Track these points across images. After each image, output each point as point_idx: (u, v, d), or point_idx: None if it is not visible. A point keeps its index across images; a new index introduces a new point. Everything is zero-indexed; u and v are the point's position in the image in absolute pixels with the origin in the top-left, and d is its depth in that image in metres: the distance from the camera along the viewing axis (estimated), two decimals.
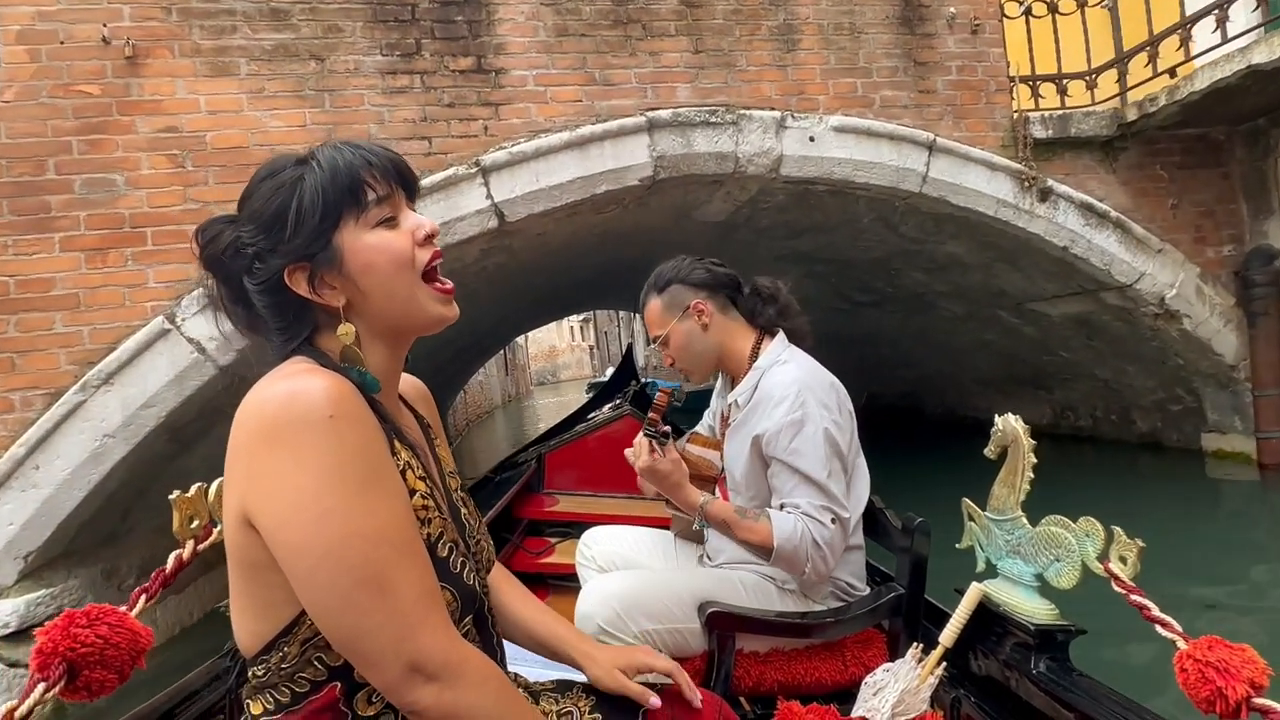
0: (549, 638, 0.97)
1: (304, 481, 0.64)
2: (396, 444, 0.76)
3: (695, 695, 0.93)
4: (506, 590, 1.00)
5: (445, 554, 0.77)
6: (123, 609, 0.83)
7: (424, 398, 0.98)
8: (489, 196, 3.85)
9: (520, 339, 27.25)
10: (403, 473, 0.75)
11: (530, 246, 4.71)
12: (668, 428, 1.46)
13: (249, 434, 0.67)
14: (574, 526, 2.90)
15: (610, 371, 7.43)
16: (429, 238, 0.80)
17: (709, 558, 1.64)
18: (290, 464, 0.64)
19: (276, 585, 0.68)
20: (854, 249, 5.90)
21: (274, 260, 0.74)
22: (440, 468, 0.89)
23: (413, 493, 0.75)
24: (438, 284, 0.80)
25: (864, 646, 1.51)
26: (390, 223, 0.77)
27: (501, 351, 21.24)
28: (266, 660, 0.71)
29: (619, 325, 31.99)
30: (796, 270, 7.04)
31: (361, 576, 0.65)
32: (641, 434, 1.44)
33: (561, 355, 37.31)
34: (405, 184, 0.80)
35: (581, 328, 38.82)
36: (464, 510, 0.88)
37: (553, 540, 2.94)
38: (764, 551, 1.39)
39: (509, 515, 2.97)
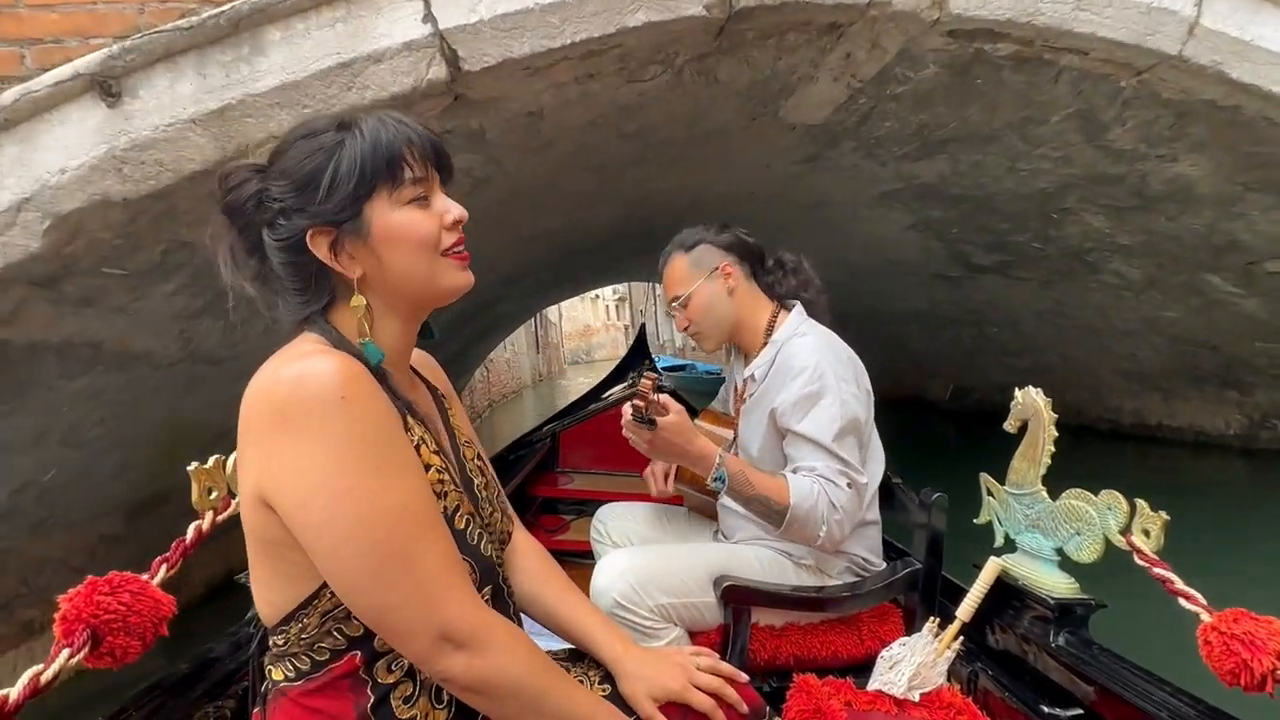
0: (582, 637, 0.93)
1: (320, 462, 0.65)
2: (410, 420, 0.76)
3: None
4: (540, 571, 0.98)
5: (463, 525, 0.78)
6: (144, 577, 0.83)
7: (432, 367, 0.98)
8: (429, 18, 2.09)
9: (554, 316, 25.68)
10: (416, 448, 0.75)
11: (519, 144, 2.94)
12: (659, 398, 1.29)
13: (260, 416, 0.67)
14: (589, 504, 2.84)
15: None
16: (456, 223, 0.80)
17: (724, 535, 1.62)
18: (305, 445, 0.65)
19: (295, 561, 0.69)
20: (1010, 177, 4.01)
21: (299, 220, 0.73)
22: (454, 438, 0.89)
23: (427, 467, 0.75)
24: (452, 255, 0.80)
25: (880, 621, 1.49)
26: (422, 202, 0.77)
27: (533, 328, 19.70)
28: (286, 630, 0.72)
29: (656, 304, 30.25)
30: (902, 218, 5.15)
31: (386, 552, 0.66)
32: (628, 415, 1.31)
33: (596, 334, 35.98)
34: (441, 167, 0.81)
35: (617, 306, 37.65)
36: (478, 481, 0.88)
37: (568, 518, 2.97)
38: (778, 514, 1.30)
39: (524, 493, 2.93)
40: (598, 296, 34.44)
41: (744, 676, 0.93)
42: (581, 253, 6.84)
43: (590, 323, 35.87)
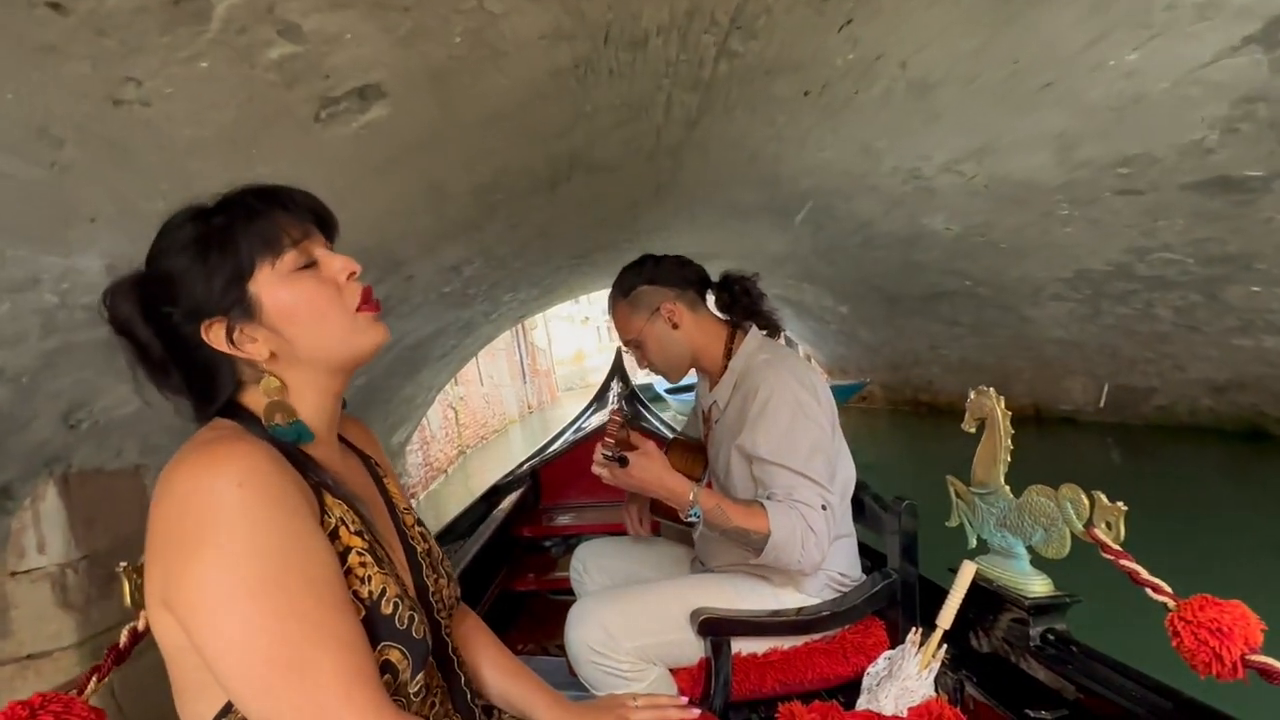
0: (519, 701, 0.95)
1: (210, 560, 0.60)
2: (328, 500, 0.73)
3: None
4: (474, 640, 0.98)
5: (390, 611, 0.72)
6: (71, 692, 0.79)
7: (365, 435, 0.96)
8: None
9: (543, 342, 24.87)
10: (335, 531, 0.72)
11: None
12: (626, 434, 1.38)
13: (159, 513, 0.64)
14: (575, 539, 2.79)
15: (644, 374, 6.56)
16: (352, 275, 0.77)
17: (702, 562, 1.63)
18: (195, 544, 0.61)
19: (202, 667, 0.64)
20: None
21: (189, 317, 0.70)
22: (394, 508, 0.88)
23: (347, 550, 0.72)
24: (364, 307, 0.77)
25: (864, 636, 1.47)
26: (311, 268, 0.75)
27: (517, 357, 18.65)
28: None
29: None
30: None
31: (271, 657, 0.61)
32: (599, 454, 1.35)
33: (590, 358, 35.68)
34: (323, 225, 0.78)
35: (609, 328, 37.46)
36: (420, 548, 0.86)
37: (554, 555, 2.91)
38: (757, 540, 1.30)
39: (507, 535, 2.81)
40: (587, 319, 34.25)
41: (692, 711, 0.97)
42: (511, 218, 3.45)
43: (582, 346, 35.66)
